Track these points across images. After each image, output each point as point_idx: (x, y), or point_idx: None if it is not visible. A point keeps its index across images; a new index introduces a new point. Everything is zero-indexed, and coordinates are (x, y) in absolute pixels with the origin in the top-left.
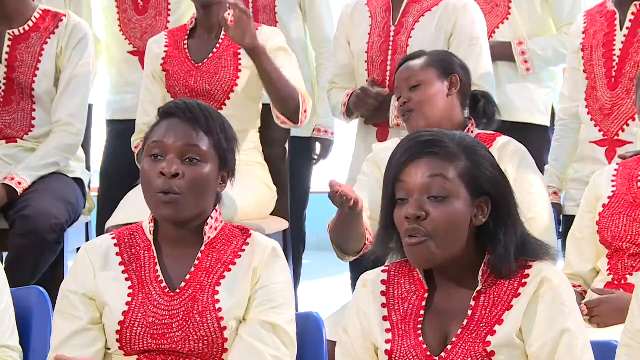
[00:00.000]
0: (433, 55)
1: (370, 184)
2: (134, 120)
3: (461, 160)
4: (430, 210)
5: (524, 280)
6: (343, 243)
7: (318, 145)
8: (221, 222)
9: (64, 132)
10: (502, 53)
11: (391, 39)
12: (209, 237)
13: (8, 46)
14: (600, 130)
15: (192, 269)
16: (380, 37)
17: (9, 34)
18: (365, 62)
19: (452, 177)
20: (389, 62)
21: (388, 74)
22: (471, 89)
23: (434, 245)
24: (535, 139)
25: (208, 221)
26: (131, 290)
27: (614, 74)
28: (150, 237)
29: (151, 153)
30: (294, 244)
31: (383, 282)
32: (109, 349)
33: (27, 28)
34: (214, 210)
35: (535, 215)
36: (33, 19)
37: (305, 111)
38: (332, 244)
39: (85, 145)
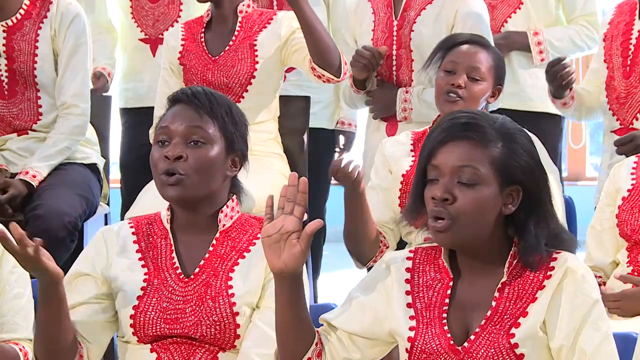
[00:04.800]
0: (496, 55)
1: (377, 194)
2: (147, 108)
3: (497, 147)
4: (458, 194)
5: (549, 273)
6: (359, 248)
7: (341, 138)
8: (238, 212)
9: (70, 114)
10: (517, 42)
11: (394, 33)
12: (223, 225)
13: (4, 38)
14: (617, 120)
15: (207, 255)
16: (384, 32)
17: (2, 25)
18: None
19: (484, 164)
20: (394, 57)
21: (394, 68)
22: None
23: (457, 231)
24: (549, 128)
25: (223, 209)
26: (147, 276)
27: (629, 62)
28: (167, 225)
29: (158, 139)
30: (313, 236)
31: (408, 269)
32: (123, 337)
33: (19, 17)
34: (230, 200)
35: None
36: (24, 6)
37: (345, 63)
38: (349, 252)
39: (104, 136)
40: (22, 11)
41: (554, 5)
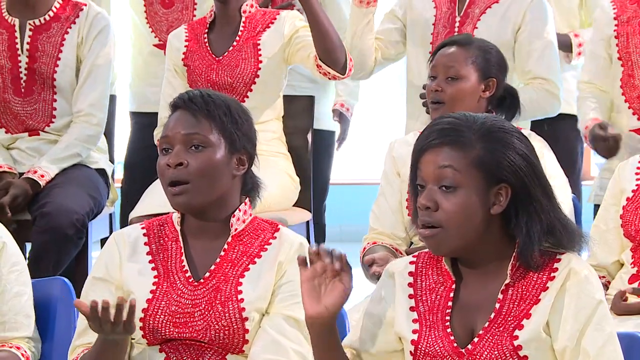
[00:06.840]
0: (481, 50)
1: (387, 200)
2: (157, 112)
3: (476, 148)
4: (441, 201)
5: (552, 274)
6: None
7: (338, 125)
8: (250, 214)
9: (85, 122)
10: (559, 42)
11: (456, 29)
12: (235, 229)
13: (29, 36)
14: (639, 119)
15: (218, 260)
16: (445, 27)
17: (29, 24)
18: (430, 52)
19: (463, 166)
20: None
21: None
22: (502, 91)
23: (445, 236)
24: (567, 128)
25: (235, 213)
26: (156, 280)
27: None
28: (178, 228)
29: (162, 147)
30: (314, 236)
31: (410, 274)
32: (133, 338)
33: (47, 18)
34: (243, 203)
35: None
36: (53, 8)
37: (350, 59)
38: None
39: (109, 137)
40: (51, 13)
41: (577, 6)
